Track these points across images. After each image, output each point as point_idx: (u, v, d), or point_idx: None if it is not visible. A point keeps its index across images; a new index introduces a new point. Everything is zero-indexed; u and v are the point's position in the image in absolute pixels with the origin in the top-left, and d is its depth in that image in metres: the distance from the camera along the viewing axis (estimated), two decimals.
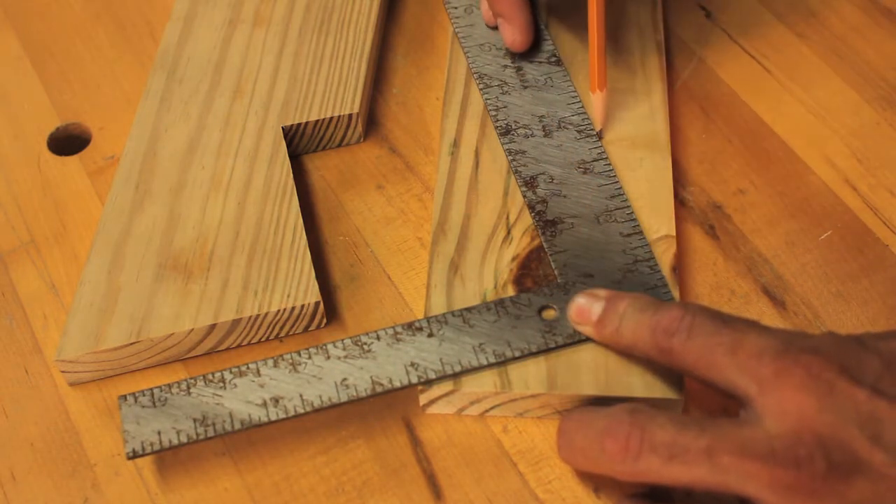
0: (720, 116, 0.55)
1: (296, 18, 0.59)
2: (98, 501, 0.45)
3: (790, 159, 0.53)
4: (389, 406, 0.47)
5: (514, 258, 0.49)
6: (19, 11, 0.63)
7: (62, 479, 0.46)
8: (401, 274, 0.51)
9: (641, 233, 0.49)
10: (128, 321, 0.48)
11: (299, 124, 0.54)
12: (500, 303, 0.47)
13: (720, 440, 0.39)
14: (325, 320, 0.49)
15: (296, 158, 0.55)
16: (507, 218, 0.50)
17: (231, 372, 0.45)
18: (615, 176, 0.51)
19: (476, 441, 0.46)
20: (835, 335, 0.41)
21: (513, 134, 0.53)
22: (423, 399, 0.46)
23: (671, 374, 0.44)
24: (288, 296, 0.48)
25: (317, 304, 0.48)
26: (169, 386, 0.45)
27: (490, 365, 0.45)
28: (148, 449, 0.44)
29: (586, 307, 0.45)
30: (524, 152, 0.52)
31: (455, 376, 0.45)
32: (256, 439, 0.46)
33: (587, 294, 0.45)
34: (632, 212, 0.50)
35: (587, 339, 0.46)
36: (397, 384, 0.45)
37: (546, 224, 0.49)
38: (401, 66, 0.59)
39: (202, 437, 0.44)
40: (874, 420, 0.38)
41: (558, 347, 0.46)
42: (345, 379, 0.45)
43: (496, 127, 0.53)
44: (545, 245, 0.49)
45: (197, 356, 0.49)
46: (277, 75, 0.56)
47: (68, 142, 0.58)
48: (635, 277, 0.47)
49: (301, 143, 0.55)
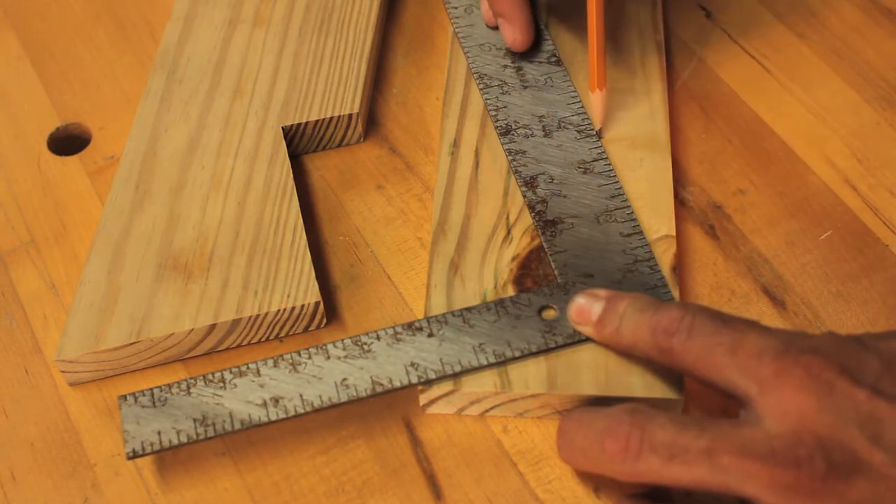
0: (720, 116, 0.55)
1: (296, 18, 0.59)
2: (98, 501, 0.45)
3: (790, 159, 0.53)
4: (389, 406, 0.47)
5: (514, 258, 0.49)
6: (19, 11, 0.63)
7: (62, 479, 0.46)
8: (401, 274, 0.51)
9: (641, 233, 0.49)
10: (128, 321, 0.48)
11: (299, 124, 0.54)
12: (500, 303, 0.47)
13: (720, 440, 0.39)
14: (325, 320, 0.49)
15: (296, 158, 0.55)
16: (507, 218, 0.50)
17: (231, 372, 0.45)
18: (615, 176, 0.51)
19: (476, 441, 0.46)
20: (835, 335, 0.41)
21: (513, 134, 0.53)
22: (423, 399, 0.46)
23: (671, 374, 0.44)
24: (288, 296, 0.48)
25: (317, 304, 0.48)
26: (169, 386, 0.45)
27: (490, 365, 0.45)
28: (148, 449, 0.44)
29: (586, 307, 0.45)
30: (524, 152, 0.52)
31: (455, 376, 0.45)
32: (256, 439, 0.46)
33: (587, 294, 0.45)
34: (632, 212, 0.50)
35: (587, 339, 0.46)
36: (397, 384, 0.45)
37: (546, 224, 0.49)
38: (401, 66, 0.59)
39: (202, 437, 0.44)
40: (874, 420, 0.38)
41: (558, 347, 0.46)
42: (345, 379, 0.45)
43: (496, 127, 0.53)
44: (545, 245, 0.49)
45: (197, 356, 0.49)
46: (277, 75, 0.56)
47: (68, 142, 0.58)
48: (635, 277, 0.47)
49: (301, 143, 0.55)
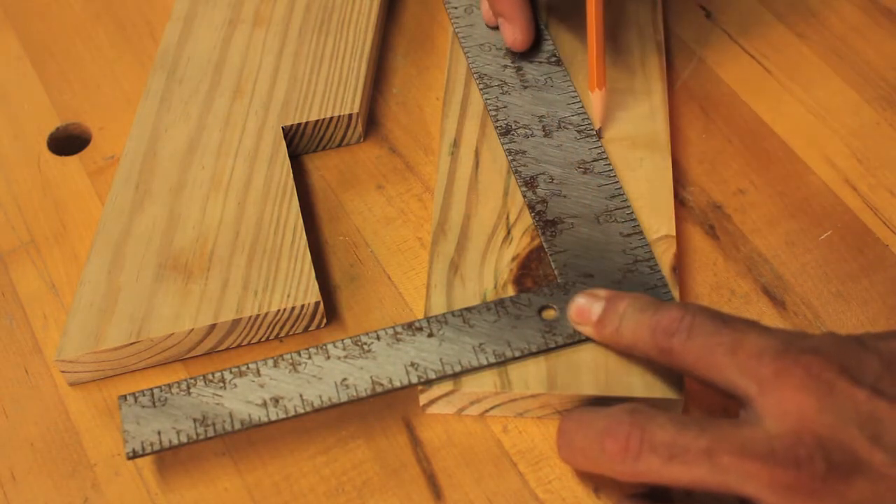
0: (720, 116, 0.55)
1: (296, 18, 0.59)
2: (98, 501, 0.45)
3: (790, 159, 0.53)
4: (389, 406, 0.47)
5: (514, 258, 0.49)
6: (19, 11, 0.63)
7: (62, 479, 0.46)
8: (401, 274, 0.51)
9: (641, 233, 0.49)
10: (128, 321, 0.48)
11: (299, 124, 0.54)
12: (500, 303, 0.47)
13: (720, 440, 0.39)
14: (325, 320, 0.49)
15: (296, 158, 0.55)
16: (507, 218, 0.50)
17: (231, 372, 0.45)
18: (615, 176, 0.51)
19: (476, 441, 0.46)
20: (835, 335, 0.41)
21: (513, 134, 0.53)
22: (423, 399, 0.46)
23: (671, 374, 0.44)
24: (288, 296, 0.48)
25: (317, 304, 0.48)
26: (169, 386, 0.45)
27: (490, 365, 0.45)
28: (148, 449, 0.44)
29: (586, 307, 0.45)
30: (524, 152, 0.52)
31: (455, 376, 0.45)
32: (256, 439, 0.46)
33: (587, 294, 0.45)
34: (632, 212, 0.50)
35: (587, 339, 0.46)
36: (397, 384, 0.45)
37: (546, 224, 0.49)
38: (401, 66, 0.59)
39: (202, 437, 0.44)
40: (874, 420, 0.38)
41: (558, 347, 0.46)
42: (345, 379, 0.45)
43: (496, 127, 0.53)
44: (545, 245, 0.49)
45: (197, 356, 0.49)
46: (277, 75, 0.56)
47: (68, 142, 0.58)
48: (635, 277, 0.47)
49: (301, 143, 0.55)
